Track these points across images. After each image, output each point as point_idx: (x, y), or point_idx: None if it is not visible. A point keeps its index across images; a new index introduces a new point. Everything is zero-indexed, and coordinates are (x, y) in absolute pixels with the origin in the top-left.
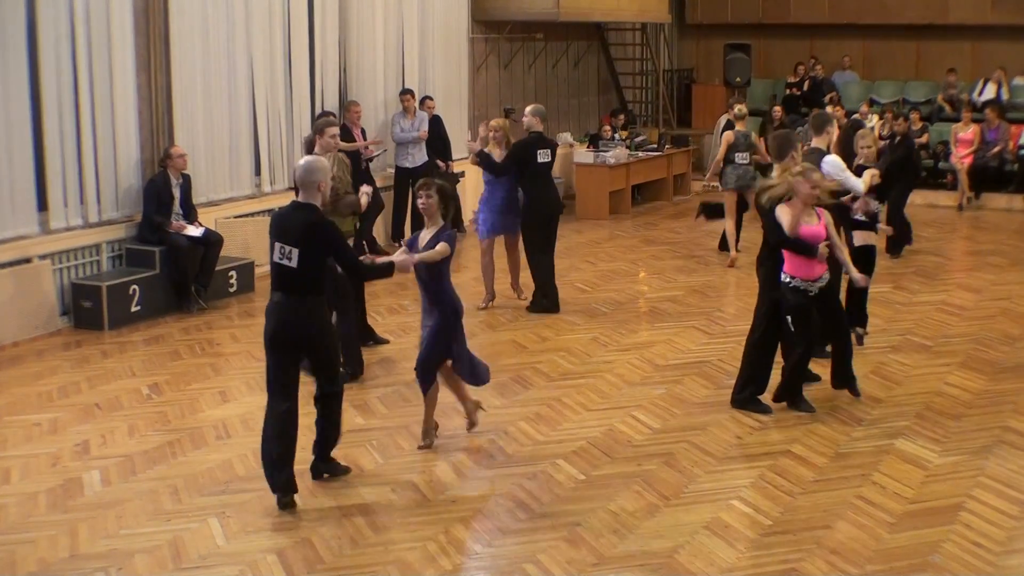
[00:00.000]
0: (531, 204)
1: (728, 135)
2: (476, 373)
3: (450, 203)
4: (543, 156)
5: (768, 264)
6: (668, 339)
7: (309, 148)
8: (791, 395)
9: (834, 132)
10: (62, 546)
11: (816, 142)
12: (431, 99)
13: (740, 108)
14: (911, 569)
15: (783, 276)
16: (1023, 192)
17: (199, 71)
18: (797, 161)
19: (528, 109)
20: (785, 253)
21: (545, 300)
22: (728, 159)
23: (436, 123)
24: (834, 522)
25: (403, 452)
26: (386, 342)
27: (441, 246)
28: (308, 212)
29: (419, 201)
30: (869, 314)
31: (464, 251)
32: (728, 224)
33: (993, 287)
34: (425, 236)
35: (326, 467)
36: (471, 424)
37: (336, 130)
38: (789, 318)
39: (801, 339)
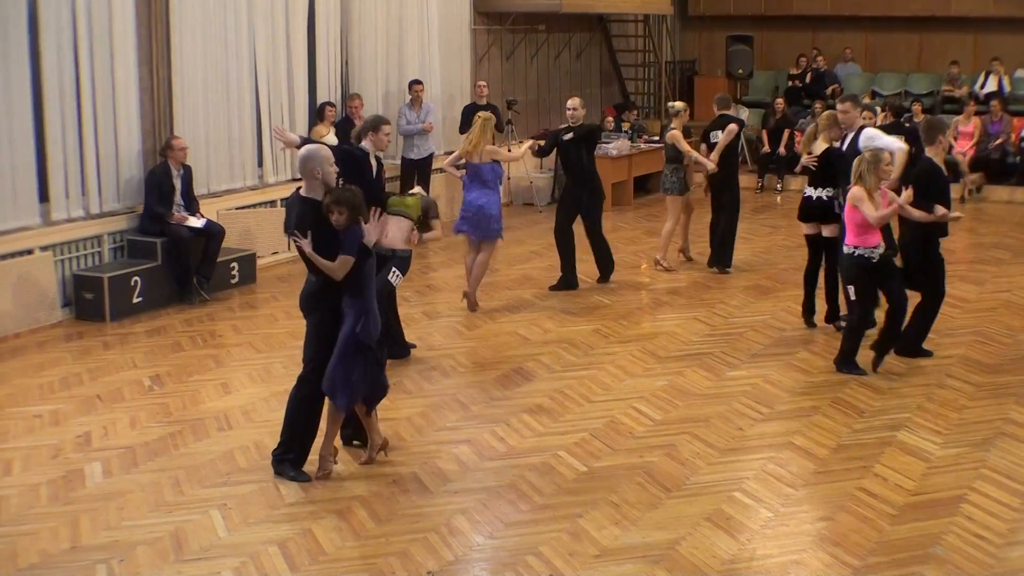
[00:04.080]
0: (599, 186)
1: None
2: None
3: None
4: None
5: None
6: (670, 331)
7: (358, 141)
8: (845, 360)
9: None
10: (64, 538)
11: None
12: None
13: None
14: (913, 561)
15: (846, 248)
16: None
17: (200, 62)
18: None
19: (576, 103)
20: (848, 225)
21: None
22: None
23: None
24: (836, 514)
25: (405, 443)
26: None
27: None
28: (303, 204)
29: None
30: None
31: (454, 246)
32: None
33: (995, 279)
34: None
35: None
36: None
37: (389, 128)
38: (851, 288)
39: (860, 307)
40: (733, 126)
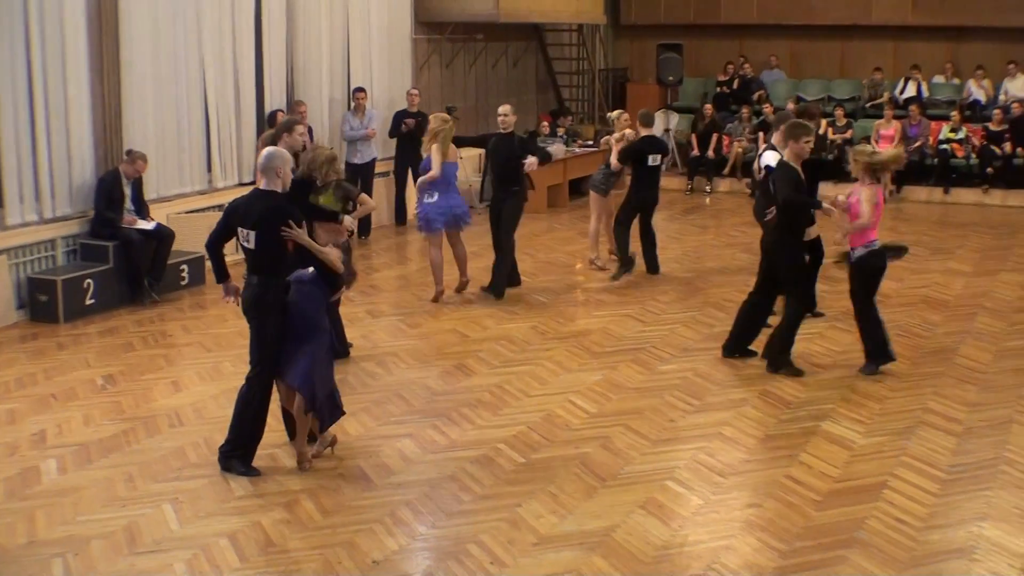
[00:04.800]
0: (523, 192)
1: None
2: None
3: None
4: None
5: (776, 231)
6: (604, 327)
7: (273, 144)
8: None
9: None
10: (20, 533)
11: (775, 139)
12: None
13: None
14: (837, 545)
15: (858, 250)
16: (942, 185)
17: (150, 71)
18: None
19: (507, 109)
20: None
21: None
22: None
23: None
24: (764, 500)
25: (350, 438)
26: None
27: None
28: (269, 198)
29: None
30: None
31: (396, 247)
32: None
33: (914, 276)
34: None
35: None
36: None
37: (304, 128)
38: (873, 280)
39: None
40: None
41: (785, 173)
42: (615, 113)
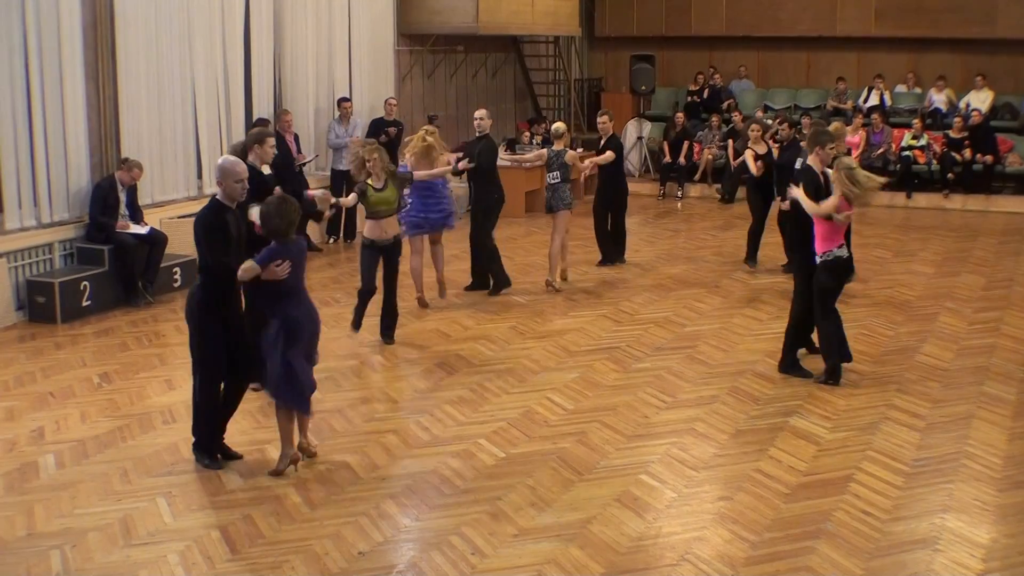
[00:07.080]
0: (491, 194)
1: (541, 153)
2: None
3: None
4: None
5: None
6: (580, 327)
7: (243, 156)
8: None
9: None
10: (19, 525)
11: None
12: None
13: (557, 126)
14: (805, 536)
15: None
16: (905, 190)
17: (144, 82)
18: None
19: (483, 113)
20: (818, 233)
21: (494, 279)
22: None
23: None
24: (734, 493)
25: (336, 434)
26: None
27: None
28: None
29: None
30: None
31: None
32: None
33: (878, 277)
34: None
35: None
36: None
37: (273, 140)
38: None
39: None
40: (610, 153)
41: (808, 177)
42: (562, 126)
